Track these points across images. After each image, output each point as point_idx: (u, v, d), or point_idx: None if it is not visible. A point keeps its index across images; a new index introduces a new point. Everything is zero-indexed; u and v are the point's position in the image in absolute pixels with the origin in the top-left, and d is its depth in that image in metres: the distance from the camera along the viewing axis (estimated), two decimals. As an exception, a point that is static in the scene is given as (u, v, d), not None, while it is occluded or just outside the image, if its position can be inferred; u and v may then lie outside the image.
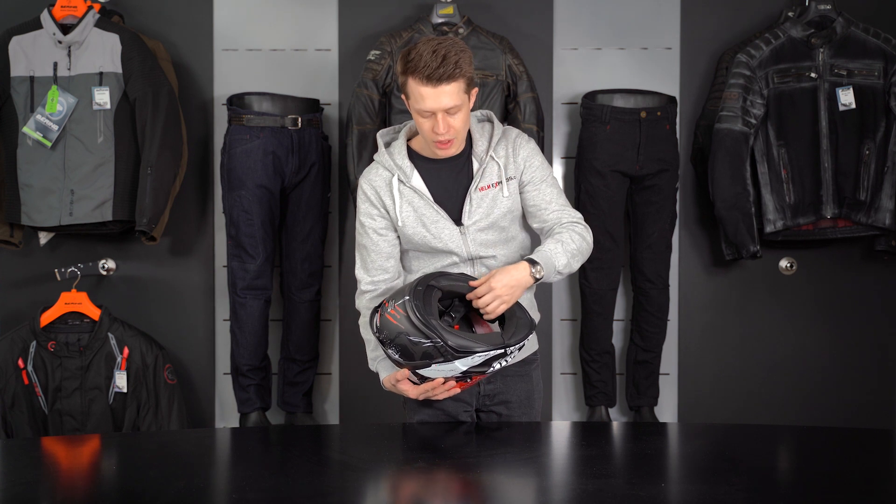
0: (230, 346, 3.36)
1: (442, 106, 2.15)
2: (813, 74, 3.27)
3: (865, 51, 3.27)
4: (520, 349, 2.18)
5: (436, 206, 2.28)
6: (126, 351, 3.22)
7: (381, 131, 2.40)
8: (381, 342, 2.19)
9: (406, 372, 2.19)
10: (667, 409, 3.54)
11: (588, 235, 2.31)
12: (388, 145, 2.36)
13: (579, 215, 2.33)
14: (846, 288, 3.55)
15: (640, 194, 3.34)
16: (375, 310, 2.23)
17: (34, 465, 2.04)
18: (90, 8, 3.21)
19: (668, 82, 3.49)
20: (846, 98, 3.25)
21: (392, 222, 2.31)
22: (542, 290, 3.50)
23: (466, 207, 2.28)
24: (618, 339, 3.51)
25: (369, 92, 3.25)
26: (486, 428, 2.33)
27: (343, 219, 3.51)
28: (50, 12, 3.19)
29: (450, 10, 3.30)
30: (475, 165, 2.31)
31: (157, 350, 3.27)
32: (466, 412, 2.38)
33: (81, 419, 3.19)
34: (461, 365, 2.12)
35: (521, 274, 2.18)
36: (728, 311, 3.57)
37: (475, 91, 2.25)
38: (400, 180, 2.29)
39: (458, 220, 2.29)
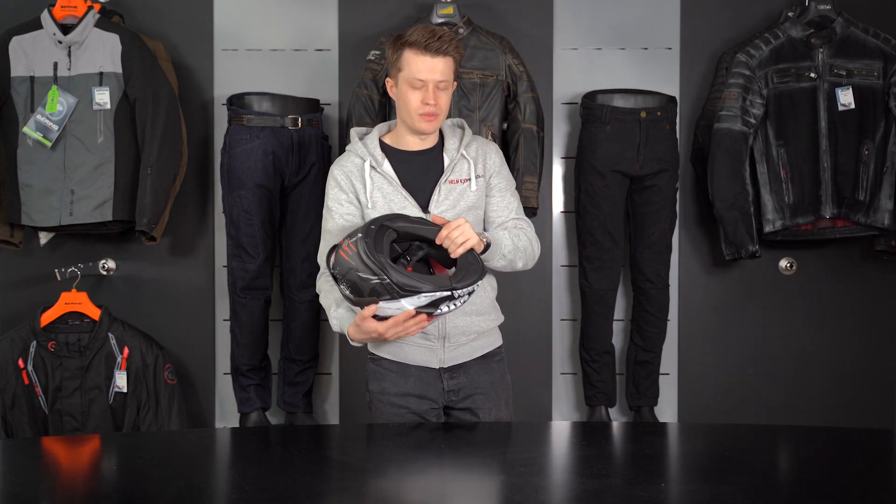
0: (230, 346, 3.36)
1: (435, 76, 2.30)
2: (812, 74, 3.27)
3: (865, 51, 3.27)
4: (469, 294, 2.20)
5: (404, 192, 2.37)
6: (126, 351, 3.22)
7: (354, 128, 2.50)
8: (335, 277, 2.22)
9: (372, 308, 2.17)
10: (667, 409, 3.54)
11: (536, 245, 2.44)
12: (361, 138, 2.46)
13: (533, 228, 2.44)
14: (846, 288, 3.55)
15: (640, 194, 3.34)
16: (333, 247, 2.26)
17: (34, 465, 2.04)
18: (90, 8, 3.21)
19: (668, 82, 3.49)
20: (845, 98, 3.25)
21: (360, 209, 2.39)
22: (543, 290, 3.51)
23: (435, 197, 2.38)
24: (618, 339, 3.51)
25: (369, 92, 3.25)
26: (485, 428, 2.33)
27: (343, 219, 3.50)
28: (50, 12, 3.19)
29: (450, 10, 3.30)
30: (446, 160, 2.42)
31: (157, 350, 3.27)
32: (434, 409, 2.43)
33: (81, 419, 3.19)
34: (407, 304, 2.15)
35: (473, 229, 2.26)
36: (728, 311, 3.57)
37: (455, 84, 2.40)
38: (372, 166, 2.38)
39: (425, 209, 2.37)
